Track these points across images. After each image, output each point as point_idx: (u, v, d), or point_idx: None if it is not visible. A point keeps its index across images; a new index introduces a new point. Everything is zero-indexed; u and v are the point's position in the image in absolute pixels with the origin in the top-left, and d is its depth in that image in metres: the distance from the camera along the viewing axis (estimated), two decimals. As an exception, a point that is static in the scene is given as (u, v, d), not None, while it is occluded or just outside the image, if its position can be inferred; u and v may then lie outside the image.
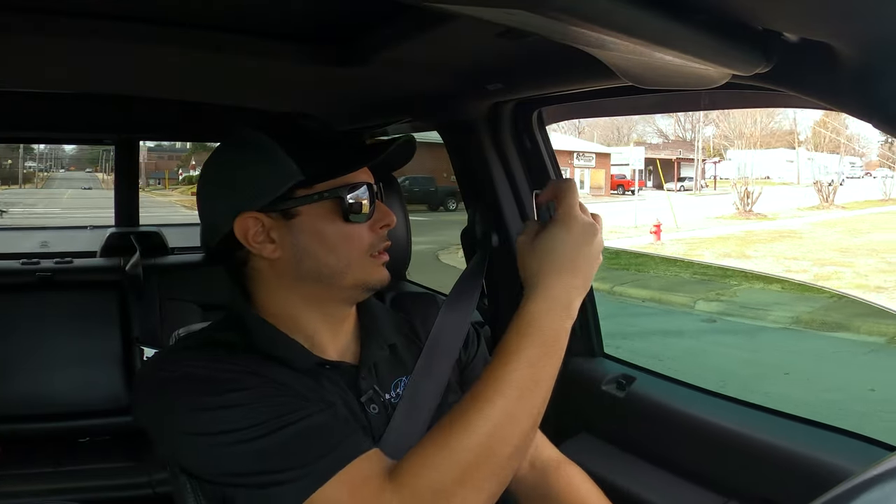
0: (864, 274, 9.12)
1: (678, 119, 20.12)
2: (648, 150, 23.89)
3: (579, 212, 0.80)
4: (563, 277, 0.78)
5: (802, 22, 0.61)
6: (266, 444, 0.72)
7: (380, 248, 0.86)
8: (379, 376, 0.90)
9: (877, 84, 0.63)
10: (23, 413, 2.32)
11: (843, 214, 16.13)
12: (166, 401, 0.76)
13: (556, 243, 0.78)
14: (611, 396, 1.48)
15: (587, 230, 0.79)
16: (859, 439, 1.13)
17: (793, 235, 12.62)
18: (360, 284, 0.85)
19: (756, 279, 7.93)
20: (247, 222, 0.82)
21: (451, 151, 1.74)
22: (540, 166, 1.64)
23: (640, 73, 0.72)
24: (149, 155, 29.70)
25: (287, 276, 0.85)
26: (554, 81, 1.32)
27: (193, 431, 0.74)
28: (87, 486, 2.12)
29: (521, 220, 1.65)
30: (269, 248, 0.83)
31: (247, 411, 0.73)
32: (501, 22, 0.59)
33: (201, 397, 0.74)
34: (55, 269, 2.51)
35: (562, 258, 0.78)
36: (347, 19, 1.17)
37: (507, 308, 1.71)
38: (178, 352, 0.84)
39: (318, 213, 0.83)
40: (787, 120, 25.86)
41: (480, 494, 0.71)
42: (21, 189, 26.20)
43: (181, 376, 0.77)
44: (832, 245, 11.30)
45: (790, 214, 16.51)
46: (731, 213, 16.58)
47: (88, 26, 1.09)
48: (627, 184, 22.59)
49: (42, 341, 2.38)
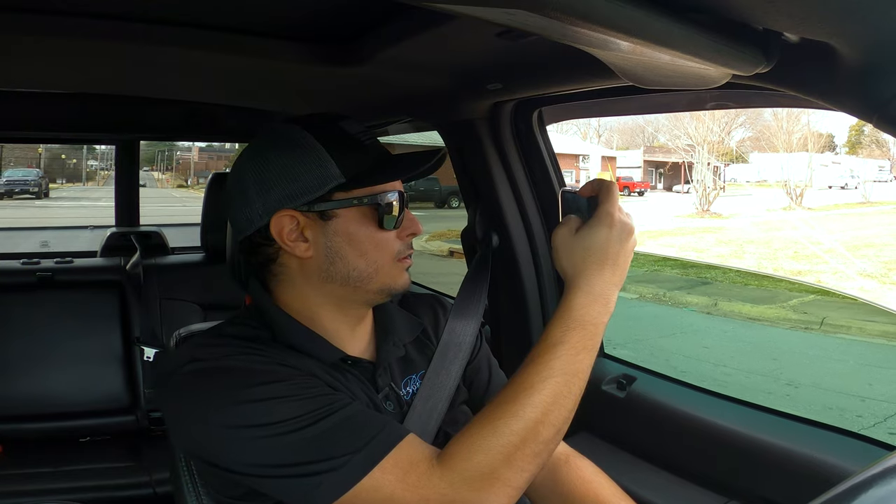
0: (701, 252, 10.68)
1: (705, 122, 20.48)
2: (660, 154, 24.23)
3: (620, 211, 0.82)
4: (604, 274, 0.80)
5: (802, 22, 0.61)
6: (308, 435, 0.73)
7: (407, 253, 0.88)
8: (393, 374, 0.92)
9: (877, 84, 0.63)
10: (23, 413, 2.32)
11: (791, 215, 16.56)
12: (202, 393, 0.76)
13: (599, 240, 0.80)
14: (611, 396, 1.48)
15: (626, 229, 0.81)
16: (859, 439, 1.13)
17: (714, 230, 13.62)
18: (385, 289, 0.87)
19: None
20: (283, 220, 0.83)
21: (452, 151, 1.74)
22: (540, 166, 1.64)
23: (640, 73, 0.72)
24: (199, 154, 31.27)
25: (315, 275, 0.85)
26: (554, 81, 1.32)
27: (231, 424, 0.74)
28: (87, 486, 2.12)
29: (521, 220, 1.65)
30: (303, 246, 0.84)
31: (285, 403, 0.74)
32: (501, 22, 0.59)
33: (240, 390, 0.75)
34: (55, 269, 2.51)
35: (604, 255, 0.80)
36: (347, 19, 1.17)
37: (507, 308, 1.71)
38: (210, 345, 0.83)
39: (354, 216, 0.84)
40: (822, 123, 26.09)
41: (524, 475, 0.74)
42: (84, 186, 27.81)
43: (215, 368, 0.77)
44: (730, 239, 12.38)
45: (751, 214, 16.99)
46: (690, 212, 17.10)
47: (88, 26, 1.09)
48: (633, 185, 23.22)
49: (42, 341, 2.38)
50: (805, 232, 12.24)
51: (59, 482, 2.12)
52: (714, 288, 6.29)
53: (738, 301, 5.88)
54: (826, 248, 10.34)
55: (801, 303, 5.43)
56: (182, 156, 32.89)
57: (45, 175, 23.48)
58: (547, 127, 1.65)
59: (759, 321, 5.48)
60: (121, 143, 2.85)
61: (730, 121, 24.44)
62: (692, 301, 6.03)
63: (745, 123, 25.27)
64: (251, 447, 0.73)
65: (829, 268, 9.25)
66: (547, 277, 1.66)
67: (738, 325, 5.58)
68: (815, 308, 5.21)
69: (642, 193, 21.80)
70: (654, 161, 24.01)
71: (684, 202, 18.68)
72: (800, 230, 12.65)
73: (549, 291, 1.66)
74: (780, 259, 10.43)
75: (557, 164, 1.66)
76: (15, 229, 10.67)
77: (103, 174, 29.94)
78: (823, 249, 10.31)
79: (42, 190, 21.73)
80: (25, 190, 21.09)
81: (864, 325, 4.84)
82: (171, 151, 32.49)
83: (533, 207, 1.65)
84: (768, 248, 11.20)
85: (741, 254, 10.82)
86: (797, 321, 5.31)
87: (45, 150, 24.92)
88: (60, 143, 15.75)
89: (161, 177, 32.18)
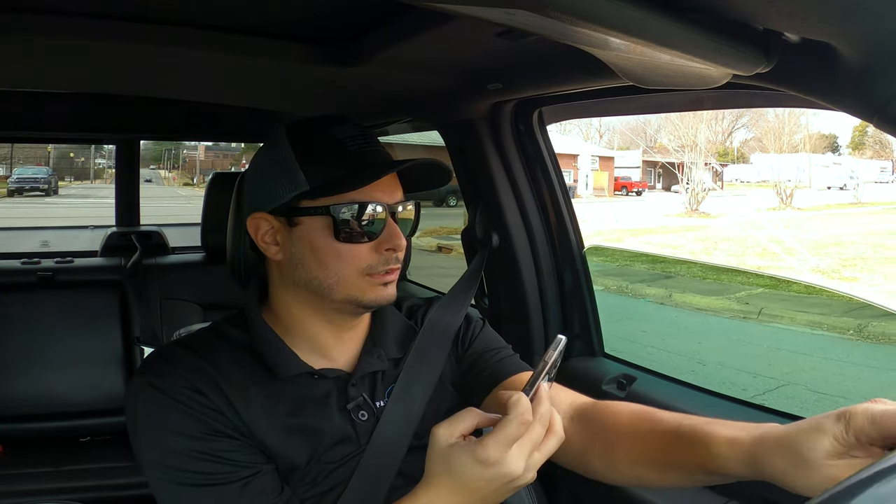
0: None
1: (709, 123, 20.85)
2: (659, 154, 24.53)
3: (511, 454, 0.68)
4: (452, 497, 0.72)
5: (802, 22, 0.61)
6: (179, 493, 0.78)
7: (380, 269, 0.84)
8: (374, 385, 0.90)
9: (877, 84, 0.63)
10: (23, 413, 2.32)
11: (778, 215, 16.93)
12: (134, 408, 0.81)
13: (466, 471, 0.69)
14: (611, 396, 1.48)
15: (503, 478, 0.69)
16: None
17: (696, 229, 14.10)
18: (352, 301, 0.85)
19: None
20: (257, 222, 0.86)
21: (452, 151, 1.74)
22: (541, 166, 1.64)
23: (640, 73, 0.72)
24: (205, 153, 31.59)
25: (288, 279, 0.87)
26: (554, 81, 1.32)
27: (144, 454, 0.80)
28: (87, 485, 2.12)
29: (521, 220, 1.65)
30: (273, 249, 0.86)
31: (176, 457, 0.77)
32: (501, 22, 0.59)
33: (156, 427, 0.79)
34: (56, 269, 2.51)
35: (464, 487, 0.70)
36: (347, 19, 1.17)
37: (507, 308, 1.71)
38: (163, 359, 0.86)
39: (317, 226, 0.83)
40: (825, 124, 26.44)
41: None
42: (92, 184, 28.29)
43: (151, 394, 0.80)
44: (707, 237, 12.86)
45: (739, 214, 17.36)
46: (679, 211, 17.40)
47: (88, 26, 1.09)
48: (631, 185, 23.62)
49: (42, 341, 2.38)
50: (771, 231, 12.70)
51: (59, 482, 2.12)
52: (674, 281, 6.56)
53: (690, 293, 6.14)
54: (786, 247, 10.84)
55: (748, 295, 5.73)
56: (188, 154, 33.10)
57: (55, 172, 24.14)
58: (548, 127, 1.65)
59: (704, 311, 5.76)
60: (121, 143, 2.85)
61: (732, 122, 24.72)
62: (650, 292, 6.32)
63: (748, 124, 25.55)
64: (150, 477, 0.80)
65: (786, 264, 9.88)
66: (547, 277, 1.66)
67: (685, 314, 5.86)
68: (760, 300, 5.49)
69: (640, 193, 22.06)
70: (653, 161, 24.27)
71: (678, 202, 19.08)
72: (767, 229, 13.12)
73: (550, 291, 1.66)
74: (746, 255, 10.79)
75: (558, 164, 1.66)
76: (15, 229, 10.67)
77: (111, 172, 30.56)
78: (783, 248, 10.79)
79: (52, 187, 22.50)
80: (35, 187, 21.88)
81: (795, 315, 5.11)
82: (177, 150, 32.70)
83: (533, 207, 1.65)
84: (741, 245, 11.54)
85: (712, 251, 11.15)
86: (738, 311, 5.59)
87: (54, 149, 25.45)
88: (60, 143, 15.85)
89: (168, 175, 32.50)
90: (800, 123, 22.12)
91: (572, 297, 1.66)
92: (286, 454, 0.82)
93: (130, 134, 2.79)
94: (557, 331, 1.66)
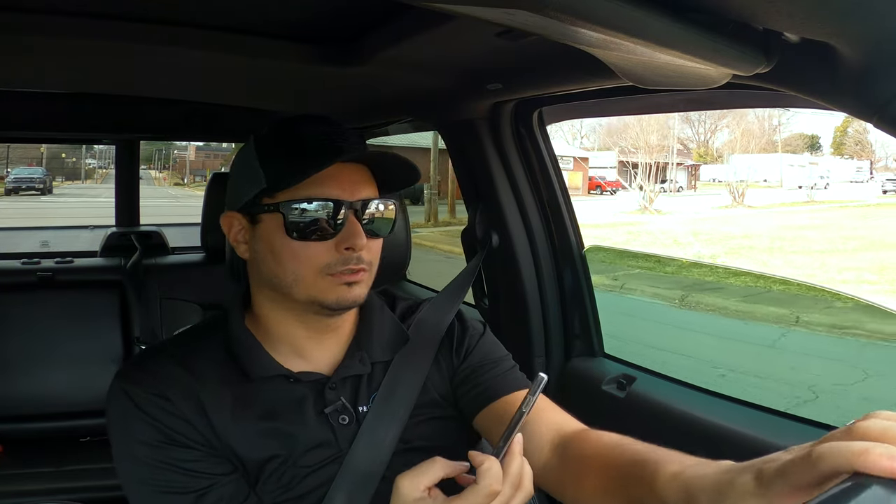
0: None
1: (693, 125, 21.35)
2: (631, 155, 25.37)
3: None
4: None
5: (802, 22, 0.61)
6: (130, 492, 0.84)
7: (340, 268, 0.81)
8: (357, 389, 0.89)
9: (877, 84, 0.63)
10: (23, 413, 2.31)
11: (722, 213, 18.07)
12: (107, 411, 0.85)
13: None
14: (611, 396, 1.48)
15: None
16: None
17: (633, 224, 15.33)
18: (314, 301, 0.83)
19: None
20: (229, 220, 0.87)
21: (452, 151, 1.74)
22: (541, 166, 1.64)
23: (640, 73, 0.72)
24: (196, 153, 32.23)
25: (256, 278, 0.89)
26: (554, 81, 1.32)
27: (112, 446, 0.85)
28: (87, 485, 2.12)
29: (521, 220, 1.65)
30: (242, 247, 0.87)
31: (140, 469, 0.81)
32: (501, 22, 0.59)
33: (123, 433, 0.84)
34: (55, 269, 2.50)
35: None
36: (347, 19, 1.17)
37: (507, 308, 1.71)
38: (143, 363, 0.88)
39: (273, 224, 0.82)
40: (805, 125, 26.90)
41: None
42: (83, 184, 29.05)
43: (121, 399, 0.84)
44: (640, 232, 14.09)
45: (693, 211, 18.32)
46: (634, 209, 18.36)
47: (88, 26, 1.09)
48: (605, 185, 24.82)
49: (42, 341, 2.38)
50: (692, 227, 14.36)
51: (60, 482, 2.12)
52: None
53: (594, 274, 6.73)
54: (680, 238, 12.93)
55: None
56: (179, 154, 33.17)
57: (49, 172, 25.03)
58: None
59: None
60: (121, 143, 2.85)
61: (715, 122, 25.51)
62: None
63: (731, 124, 26.17)
64: (119, 476, 0.86)
65: (683, 253, 11.70)
66: (547, 277, 1.66)
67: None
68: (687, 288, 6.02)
69: (614, 192, 23.26)
70: (626, 161, 25.17)
71: (660, 202, 19.77)
72: (690, 226, 14.69)
73: (550, 291, 1.66)
74: (657, 245, 12.52)
75: (557, 164, 1.66)
76: (15, 229, 10.67)
77: (101, 172, 30.82)
78: (677, 239, 12.86)
79: (47, 187, 23.49)
80: (32, 187, 22.87)
81: (702, 298, 5.68)
82: (168, 150, 32.77)
83: (533, 207, 1.65)
84: (653, 237, 13.24)
85: (632, 242, 12.57)
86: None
87: (46, 149, 25.96)
88: (60, 143, 15.93)
89: (158, 175, 32.55)
90: (772, 125, 22.74)
91: (572, 297, 1.66)
92: (256, 457, 0.82)
93: (130, 134, 2.79)
94: (557, 331, 1.66)
